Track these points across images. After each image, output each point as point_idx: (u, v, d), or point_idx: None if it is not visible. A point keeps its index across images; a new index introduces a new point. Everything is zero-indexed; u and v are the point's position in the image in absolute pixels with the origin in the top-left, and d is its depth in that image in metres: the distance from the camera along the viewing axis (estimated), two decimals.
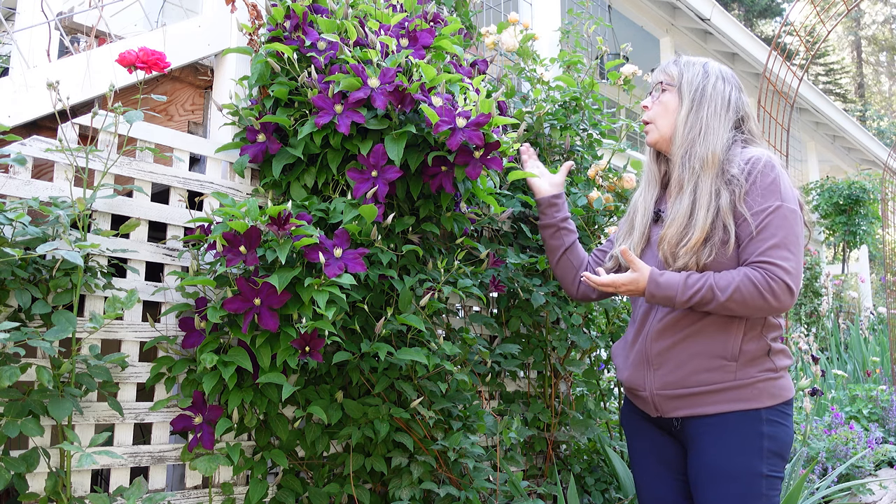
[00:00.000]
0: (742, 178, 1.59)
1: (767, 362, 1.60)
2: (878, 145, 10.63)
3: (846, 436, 3.69)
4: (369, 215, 1.79)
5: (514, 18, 2.77)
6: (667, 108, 1.71)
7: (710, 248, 1.57)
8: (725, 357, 1.59)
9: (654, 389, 1.65)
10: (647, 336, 1.68)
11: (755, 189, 1.58)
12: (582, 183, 2.65)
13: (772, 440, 1.57)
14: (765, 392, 1.58)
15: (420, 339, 1.96)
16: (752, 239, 1.55)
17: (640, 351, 1.69)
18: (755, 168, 1.59)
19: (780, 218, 1.55)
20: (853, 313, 7.85)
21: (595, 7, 5.30)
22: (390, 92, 1.83)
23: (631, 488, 2.53)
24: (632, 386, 1.71)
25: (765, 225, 1.54)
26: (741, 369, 1.58)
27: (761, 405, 1.57)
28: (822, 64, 24.81)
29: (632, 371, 1.71)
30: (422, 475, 1.94)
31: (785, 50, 4.69)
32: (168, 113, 2.13)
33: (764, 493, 1.55)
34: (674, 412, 1.64)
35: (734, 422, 1.57)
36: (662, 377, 1.64)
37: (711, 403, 1.59)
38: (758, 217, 1.55)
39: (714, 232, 1.57)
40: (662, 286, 1.58)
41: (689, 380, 1.60)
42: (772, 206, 1.55)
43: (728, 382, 1.58)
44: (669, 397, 1.63)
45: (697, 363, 1.60)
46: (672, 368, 1.62)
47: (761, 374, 1.59)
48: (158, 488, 1.76)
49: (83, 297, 1.69)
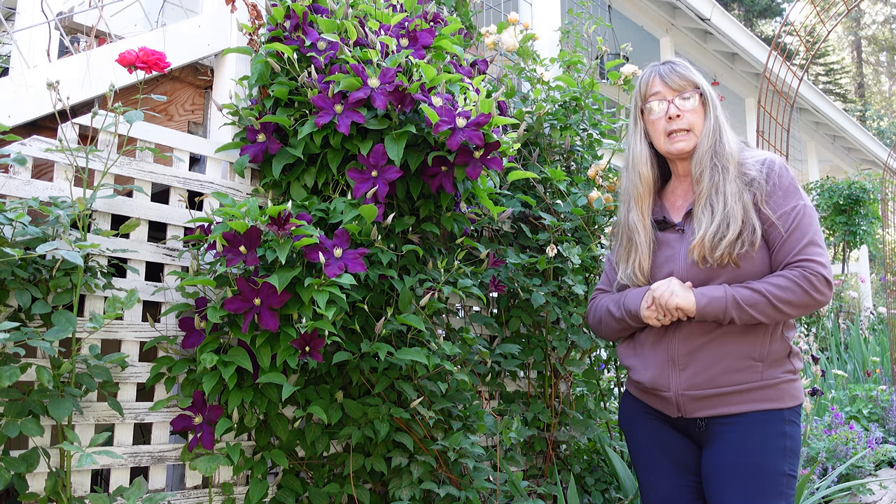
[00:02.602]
0: (762, 179, 1.63)
1: (788, 364, 1.64)
2: (878, 145, 10.62)
3: (846, 436, 3.69)
4: (369, 215, 1.79)
5: (514, 18, 2.77)
6: (698, 115, 1.71)
7: (741, 243, 1.60)
8: (754, 357, 1.61)
9: (679, 390, 1.65)
10: (672, 337, 1.67)
11: (777, 191, 1.62)
12: (582, 183, 2.65)
13: (792, 440, 1.61)
14: (787, 393, 1.62)
15: (420, 339, 1.96)
16: (786, 241, 1.60)
17: (664, 351, 1.68)
18: (773, 170, 1.64)
19: (806, 217, 1.61)
20: (853, 313, 7.84)
21: (595, 7, 5.30)
22: (390, 92, 1.83)
23: (631, 488, 2.53)
24: (655, 387, 1.69)
25: (795, 225, 1.60)
26: (767, 370, 1.61)
27: (784, 405, 1.61)
28: (822, 64, 24.81)
29: (655, 372, 1.68)
30: (422, 475, 1.94)
31: (785, 50, 4.69)
32: (168, 113, 2.13)
33: (784, 490, 1.58)
34: (698, 412, 1.64)
35: (759, 421, 1.60)
36: (689, 378, 1.64)
37: (738, 403, 1.61)
38: (786, 219, 1.60)
39: (745, 227, 1.60)
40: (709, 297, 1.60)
41: (717, 380, 1.62)
42: (798, 206, 1.61)
43: (755, 382, 1.61)
44: (696, 398, 1.63)
45: (727, 363, 1.62)
46: (700, 369, 1.63)
47: (784, 374, 1.63)
48: (158, 488, 1.76)
49: (83, 297, 1.69)
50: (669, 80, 1.70)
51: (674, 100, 1.69)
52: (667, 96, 1.70)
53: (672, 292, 1.61)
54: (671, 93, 1.69)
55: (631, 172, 1.77)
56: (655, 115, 1.71)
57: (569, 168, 2.81)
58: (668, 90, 1.70)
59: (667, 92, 1.70)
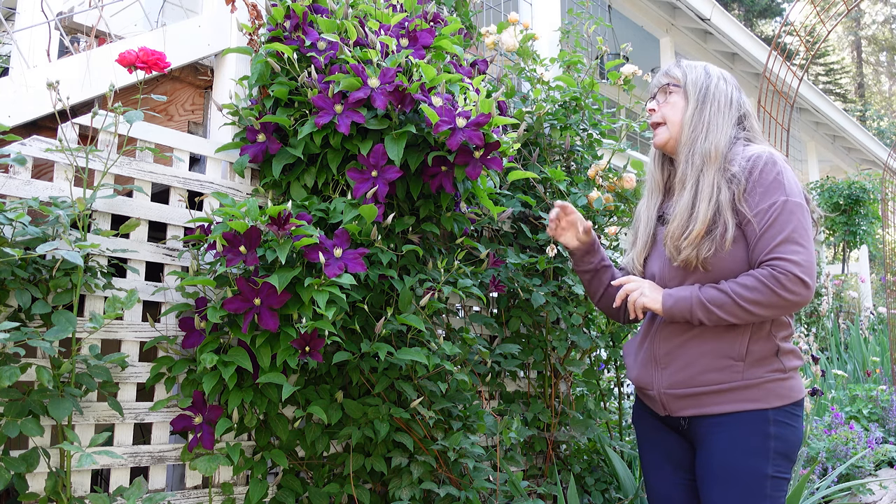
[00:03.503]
0: (742, 176, 1.59)
1: (776, 363, 1.60)
2: (878, 145, 10.62)
3: (846, 436, 3.69)
4: (369, 215, 1.79)
5: (514, 18, 2.77)
6: (675, 108, 1.72)
7: (710, 242, 1.58)
8: (733, 357, 1.59)
9: (661, 388, 1.66)
10: (654, 335, 1.69)
11: (756, 188, 1.58)
12: (582, 183, 2.65)
13: (779, 441, 1.57)
14: (772, 392, 1.58)
15: (420, 339, 1.96)
16: (759, 239, 1.56)
17: (648, 350, 1.71)
18: (756, 166, 1.59)
19: (786, 213, 1.55)
20: (853, 313, 7.85)
21: (595, 7, 5.30)
22: (390, 92, 1.83)
23: (631, 488, 2.53)
24: (640, 385, 1.72)
25: (770, 223, 1.55)
26: (749, 369, 1.59)
27: (769, 406, 1.57)
28: (822, 64, 24.80)
29: (640, 370, 1.72)
30: (422, 475, 1.94)
31: (785, 50, 4.69)
32: (168, 113, 2.13)
33: (769, 493, 1.55)
34: (681, 411, 1.65)
35: (741, 422, 1.57)
36: (670, 376, 1.64)
37: (719, 403, 1.59)
38: (762, 216, 1.56)
39: (715, 226, 1.58)
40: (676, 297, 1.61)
41: (696, 379, 1.61)
42: (776, 203, 1.55)
43: (736, 382, 1.58)
44: (677, 396, 1.63)
45: (705, 363, 1.61)
46: (679, 368, 1.63)
47: (769, 374, 1.59)
48: (158, 488, 1.76)
49: (83, 297, 1.69)
50: (658, 80, 1.79)
51: (657, 96, 1.77)
52: (657, 95, 1.78)
53: (641, 292, 1.64)
54: (658, 91, 1.77)
55: (648, 168, 1.86)
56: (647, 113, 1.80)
57: (569, 168, 2.81)
58: (657, 89, 1.78)
59: (657, 91, 1.78)
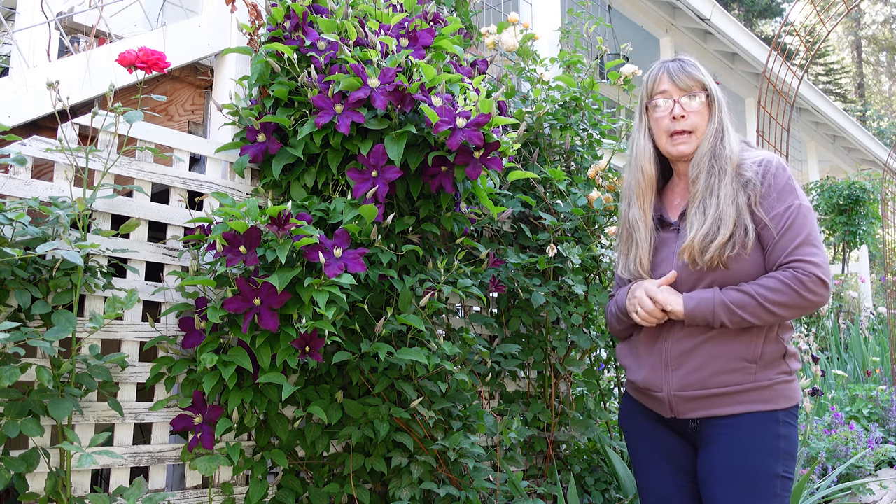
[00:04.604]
0: (757, 180, 1.61)
1: (783, 365, 1.63)
2: (878, 145, 10.62)
3: (846, 436, 3.69)
4: (369, 215, 1.79)
5: (514, 18, 2.77)
6: (702, 117, 1.69)
7: (733, 244, 1.59)
8: (747, 359, 1.60)
9: (672, 390, 1.65)
10: (667, 337, 1.67)
11: (771, 192, 1.60)
12: (582, 183, 2.65)
13: (787, 441, 1.60)
14: (781, 394, 1.61)
15: (420, 339, 1.96)
16: (778, 242, 1.58)
17: (658, 351, 1.68)
18: (768, 171, 1.62)
19: (801, 216, 1.58)
20: (853, 313, 7.84)
21: (595, 7, 5.29)
22: (390, 92, 1.83)
23: (631, 488, 2.53)
24: (648, 387, 1.69)
25: (788, 225, 1.58)
26: (761, 371, 1.60)
27: (778, 407, 1.60)
28: (822, 64, 24.80)
29: (648, 372, 1.69)
30: (422, 475, 1.94)
31: (785, 50, 4.69)
32: (168, 113, 2.13)
33: (778, 493, 1.57)
34: (691, 413, 1.64)
35: (752, 422, 1.59)
36: (681, 378, 1.64)
37: (731, 404, 1.60)
38: (779, 219, 1.58)
39: (737, 229, 1.59)
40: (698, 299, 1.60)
41: (710, 381, 1.61)
42: (792, 206, 1.58)
43: (749, 384, 1.60)
44: (688, 398, 1.63)
45: (719, 364, 1.61)
46: (692, 370, 1.63)
47: (778, 376, 1.61)
48: (158, 488, 1.76)
49: (83, 297, 1.69)
50: (678, 78, 1.68)
51: (680, 99, 1.68)
52: (673, 95, 1.68)
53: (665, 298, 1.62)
54: (678, 92, 1.68)
55: (633, 168, 1.76)
56: (660, 112, 1.70)
57: (569, 168, 2.81)
58: (675, 89, 1.68)
59: (674, 90, 1.68)
